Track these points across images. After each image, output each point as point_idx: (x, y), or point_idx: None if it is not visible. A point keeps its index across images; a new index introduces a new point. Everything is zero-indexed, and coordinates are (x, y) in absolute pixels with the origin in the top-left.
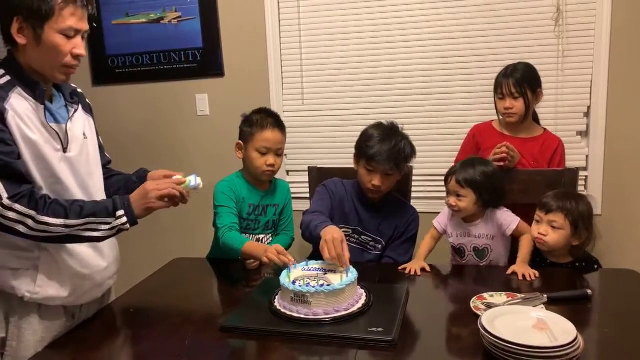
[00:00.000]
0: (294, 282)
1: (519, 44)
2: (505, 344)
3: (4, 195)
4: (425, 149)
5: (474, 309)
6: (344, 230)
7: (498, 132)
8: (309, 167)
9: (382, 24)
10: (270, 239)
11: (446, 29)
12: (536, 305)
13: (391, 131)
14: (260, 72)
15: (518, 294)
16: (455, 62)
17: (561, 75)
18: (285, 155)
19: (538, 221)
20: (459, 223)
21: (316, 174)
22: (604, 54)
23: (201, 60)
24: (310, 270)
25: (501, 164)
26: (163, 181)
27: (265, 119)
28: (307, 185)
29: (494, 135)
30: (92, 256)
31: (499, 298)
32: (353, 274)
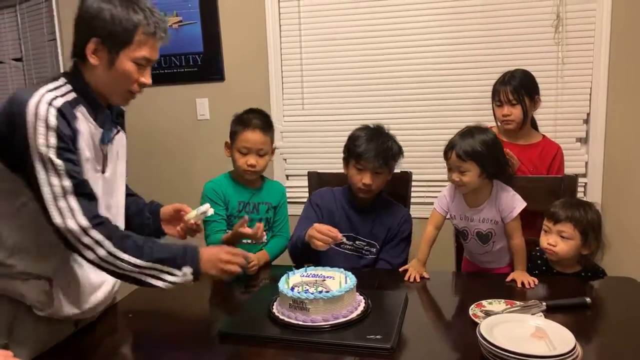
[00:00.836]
0: (292, 289)
1: (519, 50)
2: (504, 353)
3: (84, 219)
4: (424, 154)
5: (472, 317)
6: None
7: None
8: (308, 172)
9: (383, 30)
10: (265, 236)
11: (446, 35)
12: (535, 313)
13: (378, 131)
14: (261, 77)
15: (517, 302)
16: (455, 69)
17: (561, 82)
18: (285, 159)
19: (546, 231)
20: (463, 206)
21: (316, 179)
22: (604, 60)
23: (202, 64)
24: (308, 276)
25: None
26: (236, 255)
27: (250, 119)
28: (307, 190)
29: None
30: None
31: (497, 305)
32: (352, 280)
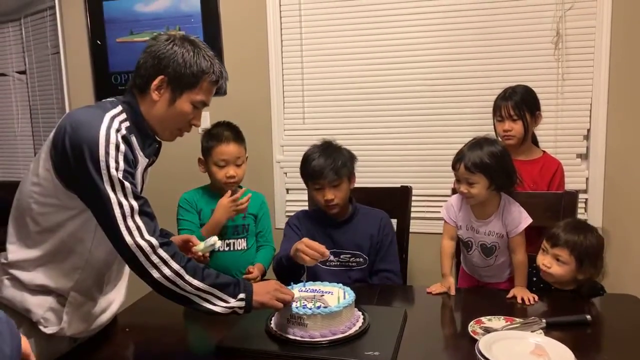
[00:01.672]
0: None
1: (519, 66)
2: None
3: (152, 238)
4: (425, 169)
5: (471, 333)
6: None
7: None
8: None
9: (384, 45)
10: (244, 244)
11: (447, 51)
12: (534, 330)
13: (324, 146)
14: (262, 91)
15: (516, 318)
16: (455, 84)
17: (561, 98)
18: (286, 173)
19: (544, 250)
20: (470, 217)
21: None
22: (604, 77)
23: None
24: (307, 291)
25: None
26: (284, 287)
27: (221, 132)
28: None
29: None
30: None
31: (497, 322)
32: (350, 296)
